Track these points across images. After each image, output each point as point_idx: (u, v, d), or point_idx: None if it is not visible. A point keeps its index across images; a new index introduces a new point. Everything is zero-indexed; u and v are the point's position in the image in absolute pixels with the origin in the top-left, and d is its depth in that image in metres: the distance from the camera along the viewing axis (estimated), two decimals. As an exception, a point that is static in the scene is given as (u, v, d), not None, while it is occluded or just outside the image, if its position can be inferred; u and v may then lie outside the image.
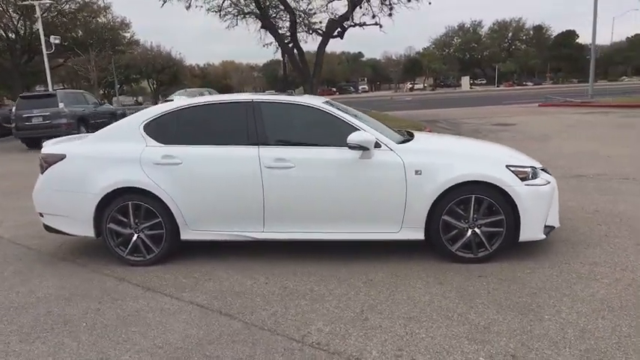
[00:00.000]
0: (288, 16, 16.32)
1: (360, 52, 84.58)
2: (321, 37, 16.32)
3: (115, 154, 4.30)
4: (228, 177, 4.15)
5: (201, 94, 18.89)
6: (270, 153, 4.11)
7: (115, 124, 4.61)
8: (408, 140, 4.40)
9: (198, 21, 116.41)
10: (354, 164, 4.06)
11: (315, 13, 16.84)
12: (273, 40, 17.37)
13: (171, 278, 4.04)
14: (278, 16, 16.91)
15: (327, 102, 4.47)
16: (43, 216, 4.52)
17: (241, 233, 4.22)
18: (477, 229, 4.02)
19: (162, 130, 4.33)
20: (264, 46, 18.48)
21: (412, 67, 60.91)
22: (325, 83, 72.87)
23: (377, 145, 4.05)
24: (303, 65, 16.51)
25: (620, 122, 14.73)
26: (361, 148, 4.01)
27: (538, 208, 3.99)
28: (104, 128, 4.59)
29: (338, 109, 4.38)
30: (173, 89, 49.79)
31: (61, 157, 4.38)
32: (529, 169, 4.06)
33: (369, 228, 4.12)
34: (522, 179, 3.98)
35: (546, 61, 68.40)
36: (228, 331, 3.16)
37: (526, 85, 59.52)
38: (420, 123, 15.41)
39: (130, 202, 4.24)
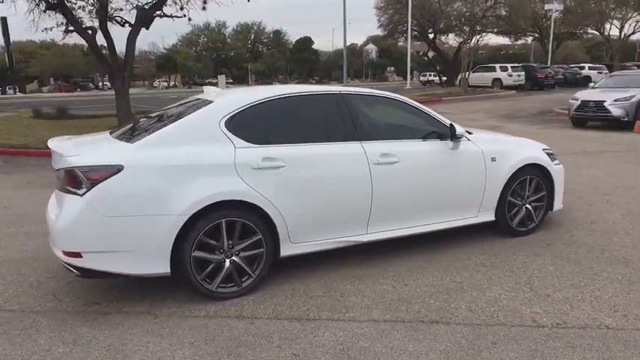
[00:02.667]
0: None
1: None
2: (130, 27, 14.47)
3: (199, 160, 3.33)
4: (337, 178, 3.72)
5: None
6: (375, 148, 3.87)
7: (182, 121, 3.50)
8: (469, 132, 4.74)
9: None
10: (446, 155, 4.19)
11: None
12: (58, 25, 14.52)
13: (302, 302, 3.41)
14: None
15: None
16: (81, 256, 3.14)
17: (344, 239, 3.84)
18: (528, 205, 4.67)
19: (249, 128, 3.55)
20: (44, 30, 15.20)
21: (165, 63, 58.63)
22: (61, 79, 63.41)
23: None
24: (113, 57, 14.36)
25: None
26: (458, 138, 4.18)
27: (561, 182, 4.88)
28: (166, 128, 3.45)
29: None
30: None
31: (117, 170, 3.13)
32: (552, 151, 4.91)
33: (455, 215, 4.31)
34: (552, 160, 4.80)
35: (289, 63, 75.41)
36: (464, 337, 2.97)
37: (274, 84, 64.73)
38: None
39: (223, 220, 3.36)
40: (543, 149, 4.80)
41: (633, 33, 35.44)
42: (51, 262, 4.16)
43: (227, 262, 3.44)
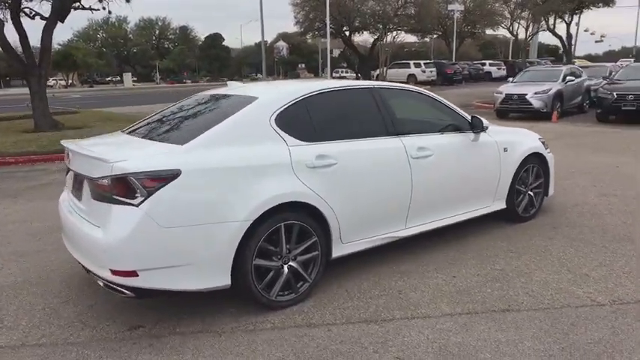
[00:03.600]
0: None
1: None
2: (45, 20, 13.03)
3: (257, 160, 3.08)
4: (382, 174, 3.65)
5: None
6: (412, 142, 3.85)
7: (231, 120, 3.18)
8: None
9: None
10: (470, 147, 4.28)
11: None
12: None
13: (364, 303, 3.29)
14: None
15: None
16: (137, 275, 2.76)
17: (387, 235, 3.78)
18: (530, 192, 4.92)
19: (297, 124, 3.35)
20: None
21: (63, 60, 53.79)
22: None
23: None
24: (27, 52, 12.84)
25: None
26: (478, 131, 4.28)
27: (553, 169, 5.20)
28: (217, 127, 3.12)
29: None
30: None
31: (175, 175, 2.79)
32: (544, 140, 5.22)
33: (476, 205, 4.43)
34: (545, 148, 5.10)
35: (199, 60, 72.91)
36: (542, 322, 3.04)
37: (185, 82, 62.02)
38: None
39: (282, 224, 3.14)
40: (539, 138, 5.08)
41: (536, 32, 38.80)
42: (50, 284, 3.72)
43: (285, 268, 3.22)
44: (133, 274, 2.75)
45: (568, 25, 29.62)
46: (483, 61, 42.15)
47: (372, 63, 39.02)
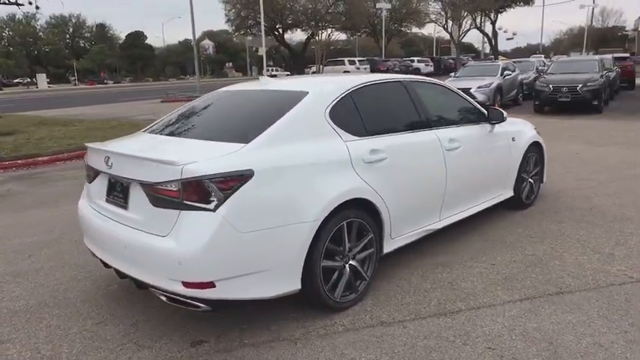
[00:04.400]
0: None
1: None
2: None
3: (319, 157, 2.95)
4: (424, 167, 3.67)
5: None
6: (444, 135, 3.88)
7: (288, 116, 2.99)
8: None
9: None
10: (488, 137, 4.40)
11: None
12: None
13: (423, 297, 3.27)
14: None
15: None
16: (214, 286, 2.53)
17: (426, 227, 3.78)
18: (530, 179, 5.15)
19: (347, 118, 3.26)
20: None
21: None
22: None
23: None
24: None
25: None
26: (494, 122, 4.40)
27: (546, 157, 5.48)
28: (276, 124, 2.92)
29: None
30: None
31: (249, 176, 2.60)
32: (537, 129, 5.48)
33: (492, 195, 4.56)
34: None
35: (120, 60, 69.20)
36: (598, 301, 3.16)
37: (107, 83, 58.58)
38: (138, 121, 13.92)
39: (344, 222, 3.04)
40: (534, 127, 5.32)
41: (469, 30, 40.56)
42: (71, 305, 3.42)
43: (347, 268, 3.13)
44: (209, 285, 2.53)
45: (493, 23, 31.58)
46: (412, 58, 43.73)
47: (305, 61, 39.18)
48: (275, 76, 48.72)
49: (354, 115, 3.31)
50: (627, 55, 26.29)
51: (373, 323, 2.98)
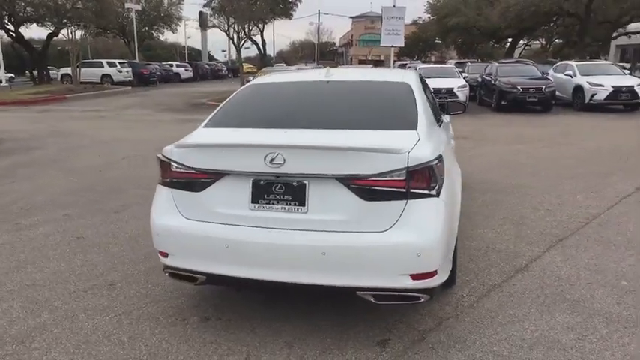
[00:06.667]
0: None
1: None
2: None
3: (444, 138, 3.58)
4: None
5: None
6: None
7: (421, 106, 3.28)
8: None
9: None
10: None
11: None
12: None
13: (500, 297, 3.84)
14: None
15: None
16: (436, 273, 2.59)
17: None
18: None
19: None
20: None
21: None
22: None
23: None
24: None
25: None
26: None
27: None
28: (420, 114, 3.09)
29: None
30: None
31: (441, 159, 2.75)
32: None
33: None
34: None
35: None
36: None
37: None
38: None
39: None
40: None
41: (246, 39, 40.32)
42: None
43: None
44: (434, 273, 2.60)
45: (262, 32, 33.41)
46: (171, 63, 42.45)
47: (48, 61, 34.01)
48: (12, 78, 39.82)
49: None
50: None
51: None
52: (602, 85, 15.42)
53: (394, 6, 21.74)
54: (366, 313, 3.10)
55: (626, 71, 17.92)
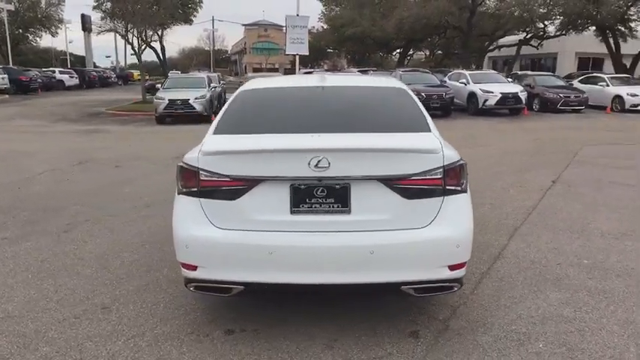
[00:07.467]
0: None
1: None
2: None
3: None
4: None
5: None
6: None
7: (423, 110, 3.37)
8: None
9: None
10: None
11: None
12: None
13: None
14: None
15: None
16: (465, 263, 2.79)
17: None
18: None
19: None
20: None
21: None
22: None
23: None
24: None
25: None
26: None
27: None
28: (427, 117, 3.21)
29: None
30: None
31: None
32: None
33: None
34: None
35: None
36: None
37: None
38: None
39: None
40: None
41: (149, 43, 37.43)
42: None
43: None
44: (466, 263, 2.81)
45: (161, 38, 31.70)
46: (53, 69, 38.77)
47: None
48: None
49: None
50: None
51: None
52: (493, 92, 17.31)
53: (297, 15, 22.20)
54: (384, 309, 3.24)
55: (510, 79, 20.15)
